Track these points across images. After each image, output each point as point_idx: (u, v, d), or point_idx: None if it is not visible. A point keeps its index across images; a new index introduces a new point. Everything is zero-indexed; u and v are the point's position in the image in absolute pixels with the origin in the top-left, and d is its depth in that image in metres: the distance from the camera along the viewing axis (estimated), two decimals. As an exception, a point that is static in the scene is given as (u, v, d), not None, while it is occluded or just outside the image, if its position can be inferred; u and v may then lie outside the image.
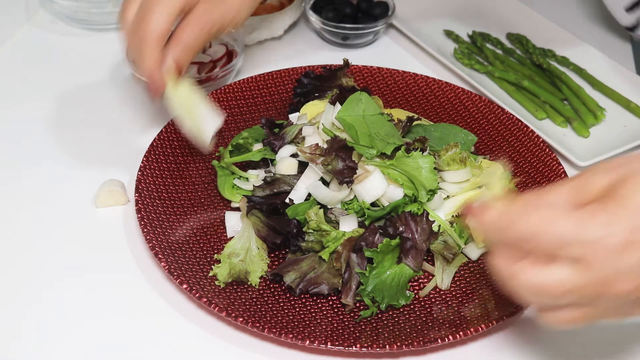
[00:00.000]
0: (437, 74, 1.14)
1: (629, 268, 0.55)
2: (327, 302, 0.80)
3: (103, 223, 0.89)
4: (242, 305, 0.77)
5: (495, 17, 1.28)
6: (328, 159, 0.81)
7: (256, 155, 0.92)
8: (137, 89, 1.10)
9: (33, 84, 1.11)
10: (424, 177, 0.82)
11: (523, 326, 0.79)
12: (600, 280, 0.55)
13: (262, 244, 0.83)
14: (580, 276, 0.56)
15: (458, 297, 0.80)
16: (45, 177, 0.95)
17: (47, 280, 0.82)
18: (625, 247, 0.55)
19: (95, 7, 1.19)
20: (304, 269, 0.79)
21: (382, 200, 0.84)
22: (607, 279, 0.55)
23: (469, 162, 0.85)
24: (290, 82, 1.06)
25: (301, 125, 0.91)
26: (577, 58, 1.17)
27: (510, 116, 1.01)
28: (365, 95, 0.88)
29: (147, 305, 0.80)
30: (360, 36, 1.20)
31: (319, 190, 0.82)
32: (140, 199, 0.86)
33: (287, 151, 0.90)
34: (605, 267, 0.55)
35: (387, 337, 0.74)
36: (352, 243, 0.79)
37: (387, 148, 0.82)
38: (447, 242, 0.82)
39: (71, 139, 1.00)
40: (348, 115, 0.86)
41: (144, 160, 0.91)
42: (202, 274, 0.80)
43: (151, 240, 0.81)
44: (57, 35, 1.21)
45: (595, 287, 0.56)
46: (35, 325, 0.77)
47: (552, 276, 0.56)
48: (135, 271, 0.83)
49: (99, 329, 0.77)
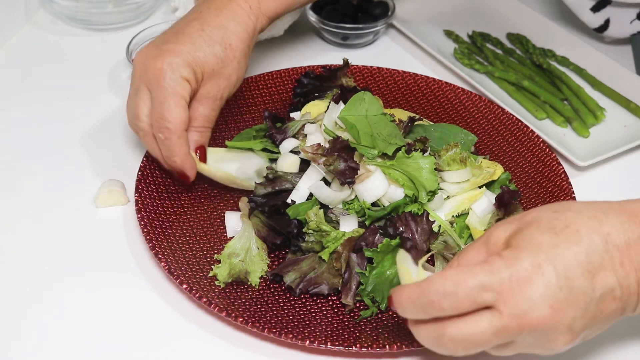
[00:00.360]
0: (437, 74, 1.14)
1: (539, 296, 0.58)
2: (327, 302, 0.80)
3: (103, 223, 0.89)
4: (242, 305, 0.77)
5: (495, 17, 1.28)
6: (330, 159, 0.81)
7: (257, 145, 0.92)
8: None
9: (33, 84, 1.11)
10: (425, 177, 0.82)
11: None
12: (517, 317, 0.58)
13: (262, 244, 0.83)
14: (499, 319, 0.59)
15: (458, 297, 0.80)
16: (45, 177, 0.95)
17: (47, 280, 0.82)
18: (529, 279, 0.58)
19: (95, 7, 1.19)
20: (304, 269, 0.79)
21: (382, 201, 0.84)
22: (521, 314, 0.58)
23: (469, 162, 0.85)
24: (290, 82, 1.06)
25: (304, 121, 0.91)
26: (577, 58, 1.17)
27: (510, 116, 1.01)
28: (369, 95, 0.88)
29: (147, 305, 0.80)
30: (360, 36, 1.20)
31: (321, 191, 0.82)
32: (140, 199, 0.86)
33: (290, 144, 0.90)
34: (517, 303, 0.58)
35: (387, 337, 0.74)
36: (352, 243, 0.79)
37: (388, 148, 0.82)
38: (447, 242, 0.82)
39: (71, 139, 1.00)
40: (351, 114, 0.86)
41: (144, 160, 0.91)
42: (202, 274, 0.80)
43: (151, 240, 0.81)
44: (57, 35, 1.21)
45: (515, 324, 0.59)
46: (35, 325, 0.77)
47: (473, 326, 0.59)
48: (135, 271, 0.83)
49: (99, 329, 0.77)
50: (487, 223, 0.83)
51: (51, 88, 1.10)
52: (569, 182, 0.90)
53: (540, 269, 0.59)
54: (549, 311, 0.59)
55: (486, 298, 0.59)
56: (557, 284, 0.59)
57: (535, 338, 0.60)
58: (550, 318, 0.59)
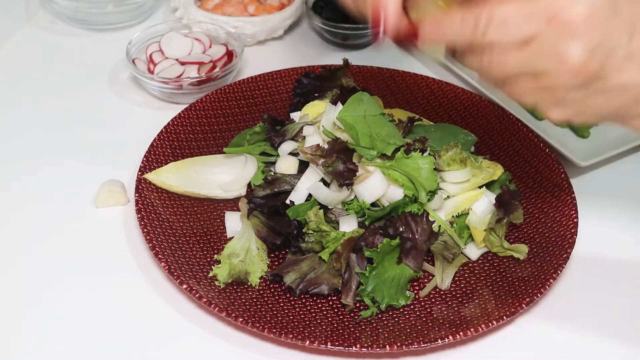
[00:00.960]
0: (437, 74, 1.14)
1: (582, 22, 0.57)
2: (327, 302, 0.80)
3: (103, 223, 0.89)
4: (242, 306, 0.77)
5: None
6: (329, 160, 0.81)
7: (255, 149, 0.92)
8: (136, 90, 1.10)
9: (33, 84, 1.11)
10: (424, 177, 0.82)
11: (523, 326, 0.79)
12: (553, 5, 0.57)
13: (262, 245, 0.83)
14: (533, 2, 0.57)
15: (458, 297, 0.80)
16: (45, 177, 0.95)
17: (47, 280, 0.82)
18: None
19: (95, 7, 1.19)
20: (304, 270, 0.79)
21: (382, 201, 0.84)
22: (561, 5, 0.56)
23: (469, 163, 0.85)
24: (290, 82, 1.06)
25: (303, 124, 0.91)
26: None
27: (510, 116, 1.01)
28: (367, 95, 0.88)
29: (147, 305, 0.80)
30: (360, 36, 1.20)
31: (320, 191, 0.82)
32: (140, 199, 0.86)
33: (288, 147, 0.90)
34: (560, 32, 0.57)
35: (387, 337, 0.74)
36: (352, 243, 0.79)
37: (387, 149, 0.82)
38: (447, 243, 0.82)
39: (71, 139, 1.01)
40: (349, 115, 0.86)
41: (144, 160, 0.91)
42: (202, 274, 0.80)
43: (151, 240, 0.81)
44: (57, 35, 1.21)
45: (547, 11, 0.57)
46: (36, 325, 0.77)
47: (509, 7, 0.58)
48: (135, 271, 0.83)
49: (99, 329, 0.77)
50: (487, 223, 0.83)
51: (51, 88, 1.10)
52: (569, 182, 0.90)
53: None
54: (584, 14, 0.56)
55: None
56: (604, 1, 0.57)
57: (556, 38, 0.57)
58: (581, 21, 0.56)
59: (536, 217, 0.89)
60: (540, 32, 0.58)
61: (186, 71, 1.06)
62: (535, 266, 0.81)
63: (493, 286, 0.81)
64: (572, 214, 0.86)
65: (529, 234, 0.87)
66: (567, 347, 0.77)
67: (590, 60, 0.58)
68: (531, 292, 0.77)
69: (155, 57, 1.08)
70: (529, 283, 0.79)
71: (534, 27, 0.58)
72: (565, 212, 0.87)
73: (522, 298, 0.77)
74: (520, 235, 0.87)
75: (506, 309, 0.76)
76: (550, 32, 0.57)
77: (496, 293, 0.80)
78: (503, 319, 0.75)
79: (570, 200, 0.88)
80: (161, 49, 1.09)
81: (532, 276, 0.80)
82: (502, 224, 0.83)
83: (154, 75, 1.04)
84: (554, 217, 0.87)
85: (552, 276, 0.79)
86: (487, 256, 0.85)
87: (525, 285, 0.79)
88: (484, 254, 0.85)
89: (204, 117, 1.00)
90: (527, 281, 0.80)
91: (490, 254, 0.85)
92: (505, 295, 0.79)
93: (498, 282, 0.82)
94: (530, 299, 0.77)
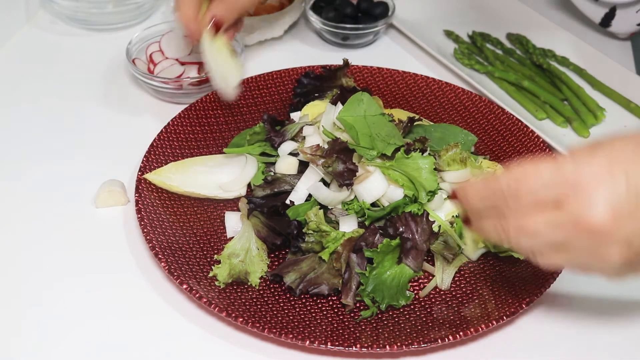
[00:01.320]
0: (437, 74, 1.14)
1: (602, 199, 0.56)
2: (327, 302, 0.80)
3: (103, 223, 0.89)
4: (242, 306, 0.77)
5: (495, 17, 1.28)
6: (329, 160, 0.81)
7: (255, 149, 0.92)
8: (136, 90, 1.10)
9: (33, 84, 1.11)
10: (424, 177, 0.82)
11: (523, 326, 0.79)
12: (576, 215, 0.57)
13: (262, 245, 0.83)
14: (557, 214, 0.58)
15: (458, 297, 0.80)
16: (45, 177, 0.95)
17: (47, 280, 0.82)
18: (596, 182, 0.57)
19: (95, 7, 1.19)
20: (304, 270, 0.79)
21: (382, 201, 0.84)
22: (581, 213, 0.57)
23: (469, 163, 0.85)
24: (290, 82, 1.06)
25: (302, 124, 0.91)
26: (577, 58, 1.17)
27: (510, 116, 1.01)
28: (367, 95, 0.88)
29: (147, 305, 0.80)
30: (360, 36, 1.20)
31: (319, 192, 0.82)
32: (140, 199, 0.86)
33: (288, 147, 0.90)
34: (578, 202, 0.57)
35: (387, 337, 0.74)
36: (352, 243, 0.79)
37: (387, 149, 0.82)
38: (447, 243, 0.82)
39: (71, 139, 1.01)
40: (349, 115, 0.86)
41: (144, 160, 0.91)
42: (202, 274, 0.80)
43: (151, 240, 0.81)
44: (57, 35, 1.21)
45: (573, 222, 0.58)
46: (36, 325, 0.77)
47: (530, 218, 0.59)
48: (135, 271, 0.83)
49: (99, 328, 0.77)
50: (487, 223, 0.83)
51: (51, 88, 1.10)
52: (569, 182, 0.90)
53: (611, 175, 0.56)
54: (609, 216, 0.56)
55: (548, 196, 0.58)
56: (625, 194, 0.56)
57: (591, 244, 0.58)
58: (609, 224, 0.56)
59: (536, 217, 0.89)
60: (572, 238, 0.59)
61: (186, 71, 1.06)
62: (535, 266, 0.81)
63: (493, 286, 0.81)
64: (572, 214, 0.86)
65: (529, 234, 0.87)
66: (567, 347, 0.77)
67: (631, 251, 0.58)
68: (531, 292, 0.77)
69: (155, 57, 1.08)
70: (529, 283, 0.79)
71: (564, 234, 0.59)
72: (565, 212, 0.87)
73: (522, 298, 0.77)
74: (520, 235, 0.87)
75: (506, 309, 0.76)
76: (582, 238, 0.58)
77: (496, 293, 0.80)
78: (503, 319, 0.75)
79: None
80: (161, 49, 1.09)
81: (532, 276, 0.80)
82: (502, 224, 0.83)
83: (154, 75, 1.04)
84: (554, 217, 0.87)
85: (552, 276, 0.79)
86: (487, 256, 0.85)
87: (525, 285, 0.79)
88: (484, 254, 0.85)
89: (204, 117, 1.00)
90: (527, 281, 0.80)
91: (490, 254, 0.85)
92: (505, 295, 0.79)
93: (498, 282, 0.81)
94: (530, 299, 0.77)
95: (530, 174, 0.59)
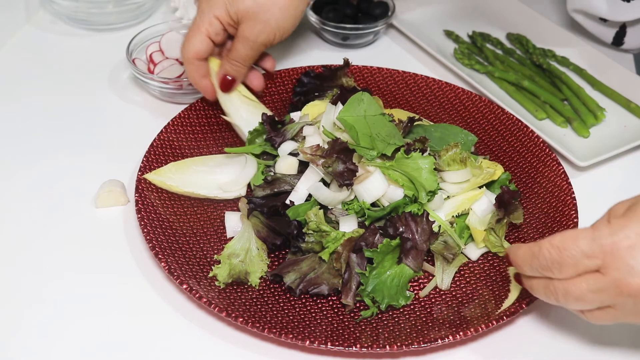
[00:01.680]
0: (437, 74, 1.14)
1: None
2: (327, 302, 0.80)
3: (103, 223, 0.89)
4: (242, 306, 0.77)
5: (495, 17, 1.28)
6: (329, 160, 0.81)
7: (256, 149, 0.92)
8: (136, 90, 1.10)
9: (33, 84, 1.11)
10: (424, 178, 0.82)
11: (523, 326, 0.79)
12: (616, 280, 0.62)
13: (262, 245, 0.83)
14: (599, 280, 0.63)
15: (458, 297, 0.80)
16: (45, 177, 0.95)
17: (47, 280, 0.82)
18: (632, 247, 0.61)
19: (95, 7, 1.19)
20: (304, 270, 0.79)
21: (382, 201, 0.84)
22: (621, 278, 0.61)
23: (469, 163, 0.85)
24: (290, 82, 1.06)
25: (303, 124, 0.91)
26: (577, 58, 1.17)
27: (510, 116, 1.01)
28: (367, 95, 0.88)
29: (147, 305, 0.80)
30: (360, 36, 1.20)
31: (320, 192, 0.82)
32: (140, 199, 0.86)
33: (288, 147, 0.90)
34: (617, 268, 0.61)
35: (387, 337, 0.74)
36: (352, 243, 0.79)
37: (387, 149, 0.82)
38: (447, 243, 0.82)
39: (71, 139, 1.01)
40: (349, 115, 0.86)
41: (144, 160, 0.91)
42: (202, 274, 0.80)
43: (151, 240, 0.81)
44: (57, 35, 1.21)
45: (614, 287, 0.62)
46: (35, 325, 0.77)
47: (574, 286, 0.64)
48: (135, 271, 0.83)
49: (99, 329, 0.77)
50: (487, 223, 0.83)
51: (51, 88, 1.10)
52: (569, 182, 0.90)
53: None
54: None
55: (588, 264, 0.62)
56: None
57: (635, 304, 0.62)
58: None
59: (536, 217, 0.89)
60: (616, 301, 0.63)
61: (186, 71, 1.06)
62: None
63: (493, 286, 0.81)
64: (572, 214, 0.86)
65: (529, 234, 0.87)
66: (567, 347, 0.77)
67: None
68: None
69: (155, 57, 1.08)
70: (529, 283, 0.79)
71: (608, 298, 0.63)
72: (565, 212, 0.87)
73: (522, 298, 0.77)
74: (520, 235, 0.87)
75: (506, 309, 0.76)
76: (626, 301, 0.63)
77: (496, 293, 0.80)
78: (503, 319, 0.75)
79: (570, 200, 0.88)
80: (161, 49, 1.09)
81: (532, 276, 0.80)
82: (502, 224, 0.83)
83: (154, 75, 1.04)
84: (554, 217, 0.87)
85: (552, 276, 0.79)
86: (487, 256, 0.85)
87: (525, 285, 0.79)
88: (484, 254, 0.85)
89: (204, 117, 1.00)
90: (527, 281, 0.80)
91: (490, 254, 0.85)
92: (505, 295, 0.79)
93: (498, 282, 0.82)
94: (530, 299, 0.77)
95: (569, 243, 0.63)
